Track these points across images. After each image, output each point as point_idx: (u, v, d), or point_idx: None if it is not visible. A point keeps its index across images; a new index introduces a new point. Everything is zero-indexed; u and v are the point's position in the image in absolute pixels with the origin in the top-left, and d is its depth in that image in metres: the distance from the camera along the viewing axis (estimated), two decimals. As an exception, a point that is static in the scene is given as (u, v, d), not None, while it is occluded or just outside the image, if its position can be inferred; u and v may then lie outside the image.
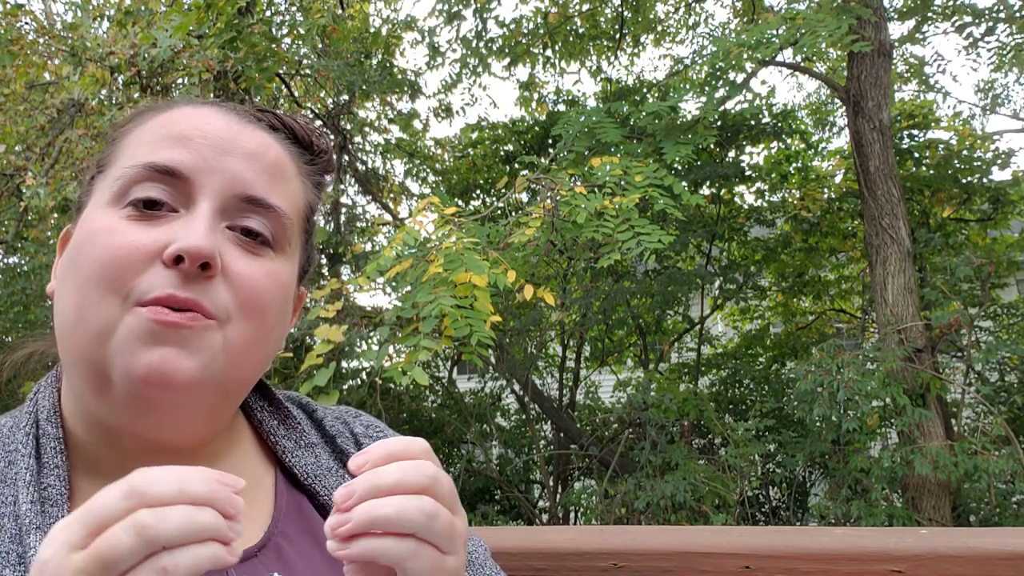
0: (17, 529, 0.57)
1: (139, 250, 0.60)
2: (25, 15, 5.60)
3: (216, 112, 0.69)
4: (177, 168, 0.63)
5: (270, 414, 0.78)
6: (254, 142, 0.68)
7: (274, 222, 0.67)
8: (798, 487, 7.41)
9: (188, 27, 4.93)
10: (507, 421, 9.41)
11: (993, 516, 5.95)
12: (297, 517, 0.71)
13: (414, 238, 3.94)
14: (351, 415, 0.84)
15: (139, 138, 0.67)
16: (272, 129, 0.73)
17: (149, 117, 0.70)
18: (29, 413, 0.68)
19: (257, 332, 0.65)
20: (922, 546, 0.97)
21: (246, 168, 0.66)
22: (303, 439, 0.76)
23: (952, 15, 6.99)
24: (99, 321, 0.60)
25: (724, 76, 6.07)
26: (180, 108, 0.69)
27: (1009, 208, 7.94)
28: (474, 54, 8.87)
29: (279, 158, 0.70)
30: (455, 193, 9.28)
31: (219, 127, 0.67)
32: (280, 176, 0.69)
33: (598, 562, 1.04)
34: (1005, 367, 7.29)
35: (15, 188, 5.69)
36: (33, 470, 0.62)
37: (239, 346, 0.63)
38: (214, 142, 0.66)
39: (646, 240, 4.04)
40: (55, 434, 0.65)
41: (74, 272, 0.62)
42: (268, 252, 0.67)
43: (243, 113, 0.71)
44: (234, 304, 0.63)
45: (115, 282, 0.60)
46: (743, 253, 9.34)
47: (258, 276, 0.65)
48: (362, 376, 7.60)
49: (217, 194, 0.64)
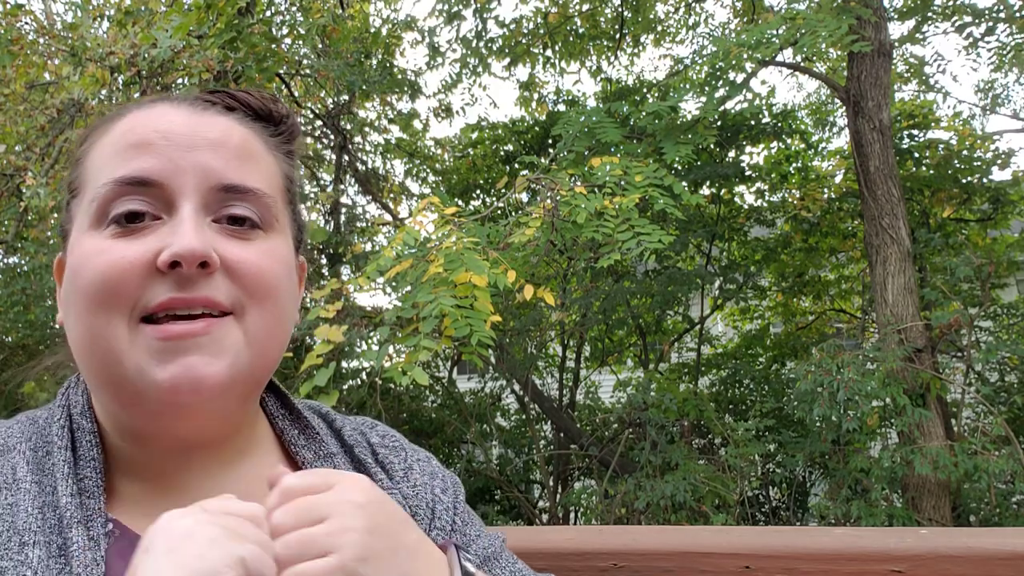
0: (57, 520, 0.59)
1: (132, 264, 0.61)
2: (25, 15, 5.60)
3: (170, 108, 0.68)
4: (148, 177, 0.63)
5: (291, 423, 0.78)
6: (215, 130, 0.67)
7: (256, 204, 0.67)
8: (798, 487, 7.41)
9: (188, 27, 4.93)
10: (507, 421, 9.41)
11: (993, 516, 5.95)
12: None
13: (414, 238, 3.94)
14: (368, 426, 0.85)
15: (102, 153, 0.67)
16: (229, 110, 0.72)
17: (105, 130, 0.69)
18: (61, 407, 0.68)
19: (273, 314, 0.66)
20: (922, 546, 0.97)
21: (214, 158, 0.65)
22: (322, 449, 0.77)
23: (952, 15, 6.99)
24: (111, 342, 0.60)
25: (724, 76, 6.07)
26: (132, 113, 0.68)
27: (1009, 208, 7.93)
28: (474, 54, 8.87)
29: (244, 139, 0.69)
30: (455, 193, 9.28)
31: (177, 123, 0.66)
32: (249, 157, 0.68)
33: (598, 562, 1.04)
34: (1005, 367, 7.29)
35: (15, 188, 5.69)
36: (70, 462, 0.63)
37: (261, 333, 0.64)
38: (176, 140, 0.65)
39: (646, 240, 4.04)
40: (90, 428, 0.66)
41: (76, 299, 0.63)
42: (259, 233, 0.67)
43: (196, 102, 0.70)
44: (244, 293, 0.63)
45: (116, 300, 0.60)
46: (743, 253, 9.34)
47: (257, 259, 0.65)
48: (362, 376, 7.60)
49: (194, 191, 0.64)
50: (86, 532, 0.58)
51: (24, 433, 0.67)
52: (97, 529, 0.59)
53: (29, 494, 0.60)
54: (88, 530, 0.59)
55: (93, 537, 0.58)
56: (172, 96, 0.71)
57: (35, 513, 0.59)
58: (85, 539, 0.58)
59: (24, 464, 0.63)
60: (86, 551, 0.57)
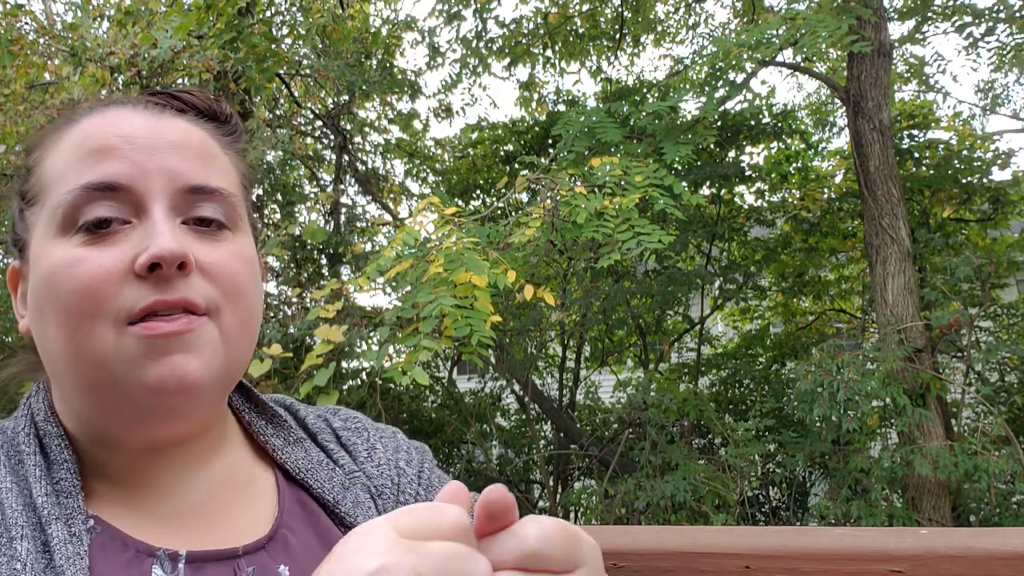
0: (38, 519, 0.59)
1: (110, 272, 0.60)
2: (25, 15, 5.60)
3: (126, 112, 0.68)
4: (115, 181, 0.63)
5: (257, 415, 0.79)
6: (175, 132, 0.67)
7: (222, 204, 0.67)
8: (798, 487, 7.41)
9: (188, 27, 4.93)
10: (507, 421, 9.41)
11: (993, 516, 5.95)
12: (300, 511, 0.72)
13: (414, 238, 3.94)
14: (331, 412, 0.86)
15: (61, 160, 0.66)
16: (180, 112, 0.72)
17: (58, 137, 0.68)
18: (25, 416, 0.68)
19: (245, 313, 0.67)
20: (922, 546, 0.97)
21: (179, 161, 0.65)
22: (291, 435, 0.78)
23: (952, 15, 6.99)
24: (96, 349, 0.60)
25: (724, 76, 6.07)
26: (89, 118, 0.68)
27: (1009, 208, 7.93)
28: (474, 54, 8.87)
29: (202, 140, 0.69)
30: (455, 193, 9.28)
31: (138, 127, 0.66)
32: (210, 157, 0.69)
33: (598, 562, 1.04)
34: (1005, 367, 7.29)
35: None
36: (42, 466, 0.63)
37: (234, 332, 0.65)
38: (139, 144, 0.65)
39: (646, 240, 4.04)
40: (57, 432, 0.66)
41: (52, 310, 0.62)
42: (226, 234, 0.67)
43: (151, 105, 0.70)
44: (219, 293, 0.64)
45: (97, 309, 0.60)
46: (743, 253, 9.34)
47: (228, 261, 0.66)
48: (362, 376, 7.60)
49: (163, 194, 0.64)
50: (67, 528, 0.59)
51: None
52: (78, 525, 0.59)
53: (12, 493, 0.60)
54: (69, 527, 0.59)
55: (75, 533, 0.59)
56: (122, 99, 0.71)
57: (20, 510, 0.59)
58: (66, 534, 0.58)
59: (2, 468, 0.63)
60: (67, 544, 0.57)
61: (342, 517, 0.72)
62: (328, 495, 0.73)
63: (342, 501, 0.73)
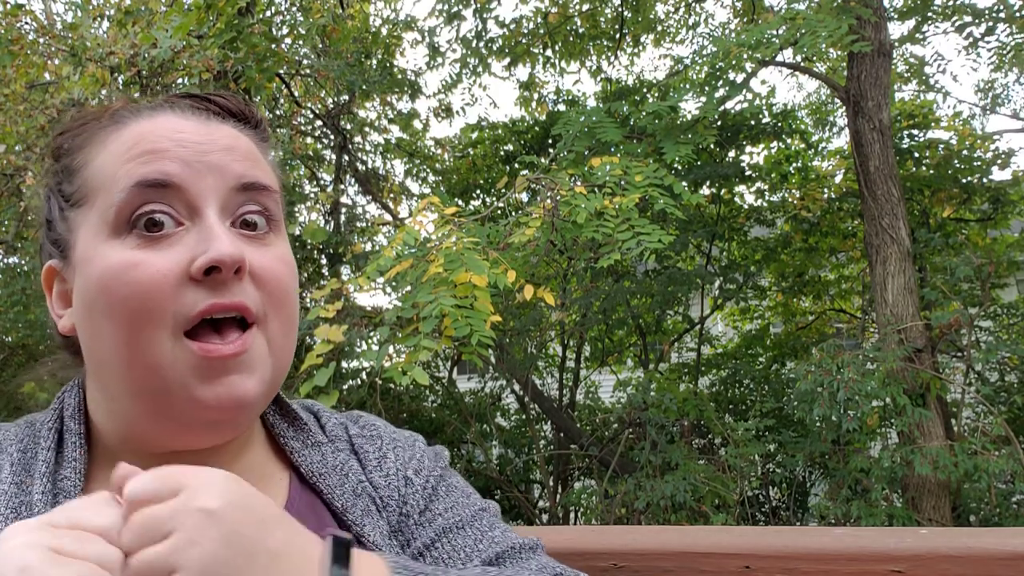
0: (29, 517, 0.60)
1: (166, 276, 0.61)
2: (25, 15, 5.60)
3: (175, 117, 0.69)
4: (169, 179, 0.63)
5: (280, 417, 0.79)
6: (225, 136, 0.69)
7: (269, 201, 0.68)
8: (798, 487, 7.41)
9: (189, 27, 4.93)
10: (507, 421, 9.41)
11: (993, 516, 5.95)
12: (310, 515, 0.72)
13: (414, 238, 3.94)
14: (351, 419, 0.85)
15: (111, 162, 0.66)
16: (222, 117, 0.73)
17: (107, 138, 0.68)
18: (54, 410, 0.70)
19: (288, 320, 0.68)
20: (922, 546, 0.97)
21: (229, 161, 0.67)
22: (310, 439, 0.78)
23: (952, 15, 6.99)
24: (153, 356, 0.61)
25: (724, 76, 6.07)
26: (137, 121, 0.68)
27: (1009, 208, 7.93)
28: (474, 54, 8.87)
29: (248, 145, 0.71)
30: (455, 193, 9.28)
31: (188, 131, 0.67)
32: (256, 160, 0.70)
33: (598, 562, 1.04)
34: (1005, 367, 7.28)
35: (15, 188, 5.70)
36: (50, 462, 0.64)
37: (279, 339, 0.67)
38: (191, 146, 0.65)
39: (646, 240, 4.04)
40: (77, 430, 0.67)
41: (108, 313, 0.62)
42: (271, 237, 0.68)
43: (200, 111, 0.71)
44: (267, 299, 0.65)
45: (155, 313, 0.60)
46: (743, 253, 9.34)
47: (275, 265, 0.67)
48: (362, 376, 7.61)
49: (215, 195, 0.65)
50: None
51: (18, 435, 0.68)
52: None
53: (7, 495, 0.62)
54: None
55: None
56: (168, 104, 0.71)
57: (8, 511, 0.60)
58: None
59: (8, 466, 0.64)
60: None
61: (349, 525, 0.72)
62: (337, 501, 0.73)
63: (351, 509, 0.73)
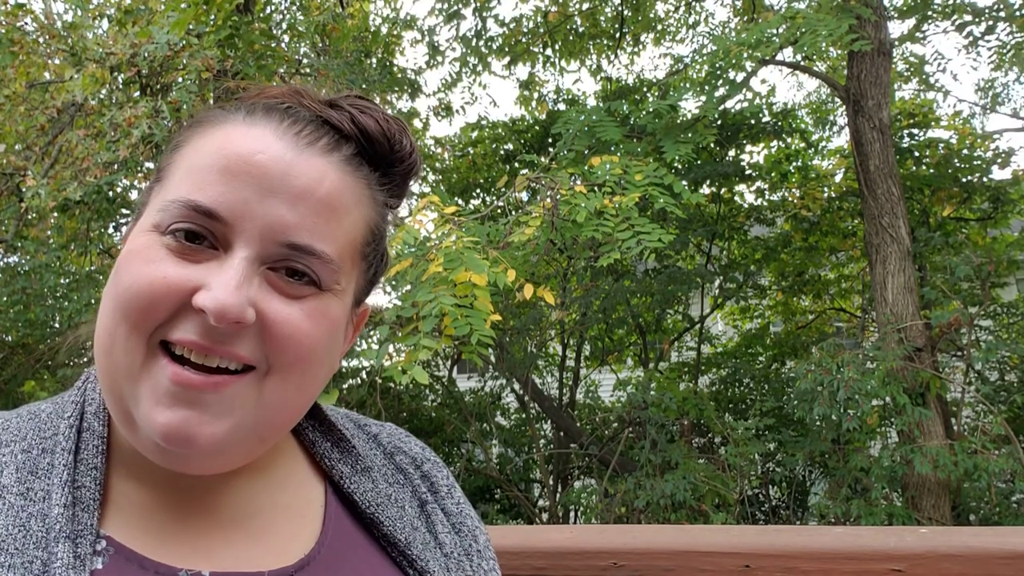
0: (45, 532, 0.55)
1: (170, 288, 0.57)
2: (26, 14, 5.60)
3: (270, 137, 0.62)
4: (216, 212, 0.59)
5: (321, 435, 0.74)
6: (305, 178, 0.61)
7: (319, 268, 0.61)
8: (798, 486, 7.41)
9: (186, 23, 4.93)
10: (507, 420, 9.41)
11: (993, 515, 5.95)
12: (347, 538, 0.69)
13: (414, 237, 3.94)
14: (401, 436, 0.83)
15: (195, 157, 0.62)
16: (340, 139, 0.65)
17: (207, 129, 0.64)
18: (75, 404, 0.64)
19: (299, 380, 0.61)
20: (922, 545, 0.97)
21: (290, 212, 0.59)
22: (359, 463, 0.74)
23: (952, 14, 6.98)
24: (126, 358, 0.58)
25: (724, 75, 6.08)
26: (235, 125, 0.63)
27: (1009, 207, 7.93)
28: (474, 53, 8.87)
29: (332, 192, 0.62)
30: (455, 192, 9.28)
31: (268, 159, 0.60)
32: (331, 214, 0.62)
33: (598, 561, 1.04)
34: (1005, 366, 7.29)
35: (15, 188, 5.70)
36: (70, 467, 0.59)
37: (277, 398, 0.60)
38: (260, 180, 0.59)
39: (646, 239, 4.04)
40: (100, 432, 0.62)
41: (113, 292, 0.59)
42: (313, 290, 0.61)
43: (302, 135, 0.63)
44: (272, 354, 0.59)
45: (142, 317, 0.57)
46: (743, 252, 9.34)
47: (298, 321, 0.60)
48: (362, 375, 7.61)
49: (256, 241, 0.59)
50: (73, 548, 0.55)
51: (21, 431, 0.62)
52: (85, 547, 0.55)
53: (13, 508, 0.56)
54: (76, 547, 0.55)
55: (80, 555, 0.55)
56: (284, 114, 0.64)
57: (15, 530, 0.55)
58: (70, 556, 0.54)
59: (13, 468, 0.59)
60: (69, 570, 0.53)
61: (413, 560, 0.69)
62: (400, 534, 0.70)
63: (414, 542, 0.70)
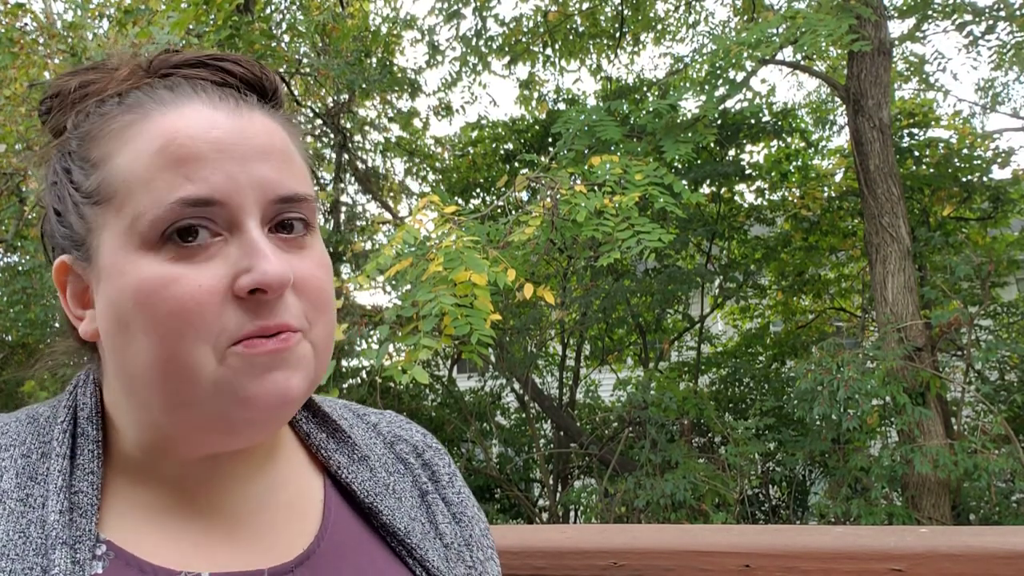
0: (44, 539, 0.55)
1: (210, 293, 0.57)
2: (26, 14, 5.60)
3: (204, 108, 0.62)
4: (213, 197, 0.59)
5: (316, 427, 0.76)
6: (259, 134, 0.62)
7: (306, 210, 0.64)
8: (798, 486, 7.41)
9: (186, 23, 4.93)
10: (507, 420, 9.41)
11: (993, 515, 5.95)
12: (347, 530, 0.70)
13: (414, 237, 3.94)
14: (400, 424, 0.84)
15: (139, 162, 0.59)
16: (244, 96, 0.66)
17: (130, 131, 0.61)
18: (67, 408, 0.64)
19: (330, 325, 0.65)
20: (922, 545, 0.97)
21: (267, 169, 0.62)
22: (355, 453, 0.75)
23: (952, 13, 6.97)
24: (198, 369, 0.57)
25: (724, 75, 6.07)
26: (163, 114, 0.61)
27: (1009, 207, 7.93)
28: (474, 52, 8.86)
29: (282, 139, 0.65)
30: (455, 192, 9.28)
31: (222, 130, 0.61)
32: (290, 158, 0.65)
33: (598, 560, 1.04)
34: (1005, 366, 7.29)
35: (15, 188, 5.70)
36: (66, 473, 0.59)
37: (321, 345, 0.64)
38: (227, 152, 0.60)
39: (646, 239, 4.04)
40: (94, 436, 0.62)
41: (145, 328, 0.58)
42: (307, 239, 0.65)
43: (228, 98, 0.64)
44: (309, 309, 0.62)
45: (199, 330, 0.57)
46: (743, 252, 9.34)
47: (315, 272, 0.64)
48: (362, 375, 7.61)
49: (256, 207, 0.60)
50: (71, 554, 0.55)
51: (20, 435, 0.62)
52: (84, 552, 0.56)
53: (13, 514, 0.57)
54: (74, 552, 0.55)
55: (78, 561, 0.55)
56: (188, 85, 0.64)
57: (15, 536, 0.55)
58: (68, 563, 0.54)
59: (13, 474, 0.59)
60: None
61: (412, 548, 0.70)
62: (399, 523, 0.71)
63: (412, 532, 0.71)
